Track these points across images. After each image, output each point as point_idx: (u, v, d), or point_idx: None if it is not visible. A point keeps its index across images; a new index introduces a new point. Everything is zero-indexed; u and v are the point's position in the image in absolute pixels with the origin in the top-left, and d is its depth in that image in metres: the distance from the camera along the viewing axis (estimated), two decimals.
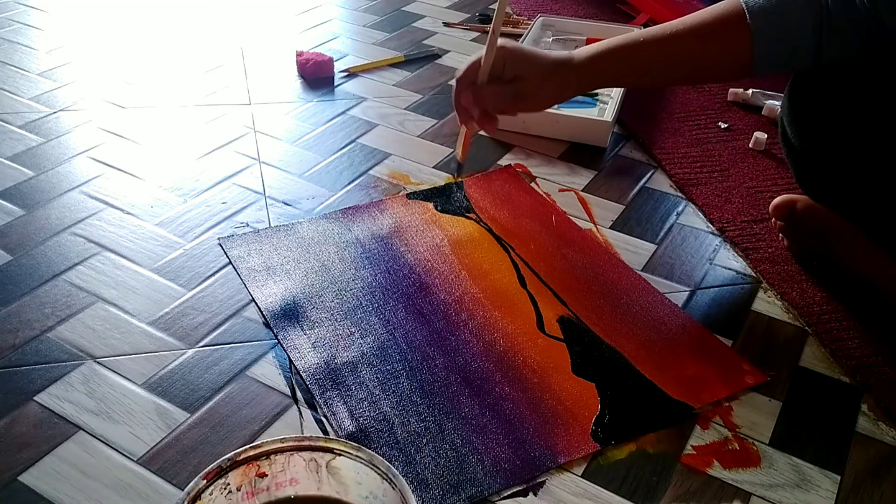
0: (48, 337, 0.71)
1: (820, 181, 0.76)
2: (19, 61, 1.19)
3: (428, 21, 1.40)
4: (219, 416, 0.64)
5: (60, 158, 0.96)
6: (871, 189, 0.71)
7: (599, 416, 0.65)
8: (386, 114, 1.09)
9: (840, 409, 0.67)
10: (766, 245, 0.86)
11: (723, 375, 0.69)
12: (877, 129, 0.67)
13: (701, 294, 0.80)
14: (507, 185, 0.94)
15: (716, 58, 0.70)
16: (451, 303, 0.76)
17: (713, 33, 0.69)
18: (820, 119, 0.72)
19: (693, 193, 0.94)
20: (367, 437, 0.62)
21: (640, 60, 0.73)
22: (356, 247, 0.83)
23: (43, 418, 0.63)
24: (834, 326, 0.75)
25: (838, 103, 0.70)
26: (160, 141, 1.01)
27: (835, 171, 0.73)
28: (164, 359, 0.69)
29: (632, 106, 1.11)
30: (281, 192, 0.92)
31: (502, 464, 0.60)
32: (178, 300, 0.76)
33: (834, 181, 0.74)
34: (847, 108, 0.69)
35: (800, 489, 0.60)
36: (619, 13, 1.45)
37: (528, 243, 0.84)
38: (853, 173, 0.71)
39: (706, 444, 0.63)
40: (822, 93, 0.72)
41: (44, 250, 0.81)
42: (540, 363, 0.70)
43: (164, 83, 1.16)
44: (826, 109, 0.72)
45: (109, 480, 0.58)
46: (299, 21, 1.38)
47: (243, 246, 0.82)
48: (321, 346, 0.70)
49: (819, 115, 0.72)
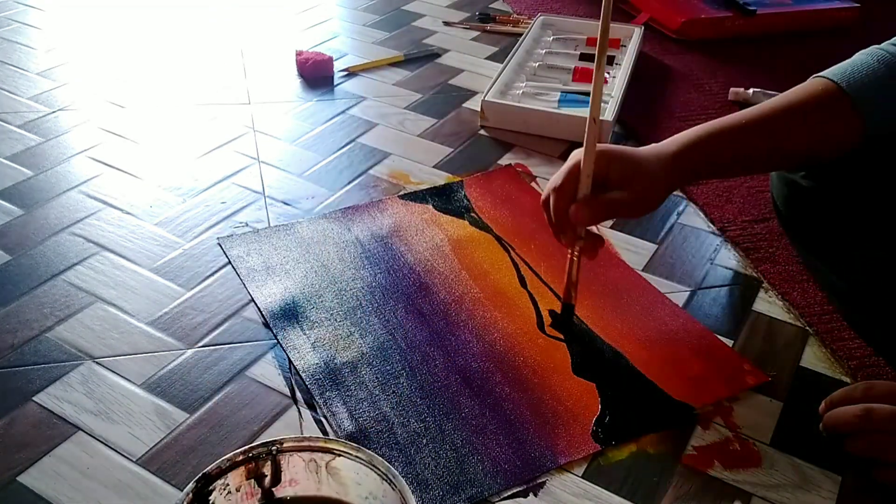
0: (47, 337, 0.70)
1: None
2: (18, 61, 1.19)
3: (428, 20, 1.40)
4: (218, 417, 0.64)
5: (59, 158, 0.96)
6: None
7: (600, 417, 0.65)
8: (386, 113, 1.09)
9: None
10: (767, 245, 0.86)
11: (724, 376, 0.69)
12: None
13: (702, 294, 0.79)
14: (507, 184, 0.94)
15: (820, 136, 0.65)
16: (451, 303, 0.76)
17: (814, 113, 0.64)
18: (822, 235, 0.71)
19: (694, 193, 0.94)
20: (367, 437, 0.62)
21: (738, 145, 0.67)
22: (356, 247, 0.82)
23: (42, 419, 0.63)
24: (835, 326, 0.75)
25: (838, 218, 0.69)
26: (159, 140, 1.01)
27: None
28: (164, 359, 0.69)
29: (632, 106, 1.11)
30: (280, 191, 0.92)
31: (502, 464, 0.60)
32: (177, 300, 0.75)
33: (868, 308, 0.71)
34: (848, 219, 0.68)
35: (801, 490, 0.60)
36: (620, 13, 1.44)
37: (528, 243, 0.84)
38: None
39: (707, 444, 0.63)
40: (820, 210, 0.70)
41: (43, 250, 0.81)
42: (540, 363, 0.69)
43: (164, 82, 1.15)
44: (827, 224, 0.70)
45: (108, 481, 0.58)
46: (299, 20, 1.38)
47: (243, 246, 0.82)
48: (321, 346, 0.70)
49: (820, 232, 0.71)
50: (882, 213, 0.66)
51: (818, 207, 0.70)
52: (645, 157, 0.66)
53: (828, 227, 0.70)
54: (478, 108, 1.07)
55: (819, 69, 0.68)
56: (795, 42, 1.36)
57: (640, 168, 0.66)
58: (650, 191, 0.66)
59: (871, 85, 0.63)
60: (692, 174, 0.70)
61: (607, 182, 0.66)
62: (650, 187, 0.66)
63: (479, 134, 1.05)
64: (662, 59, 1.30)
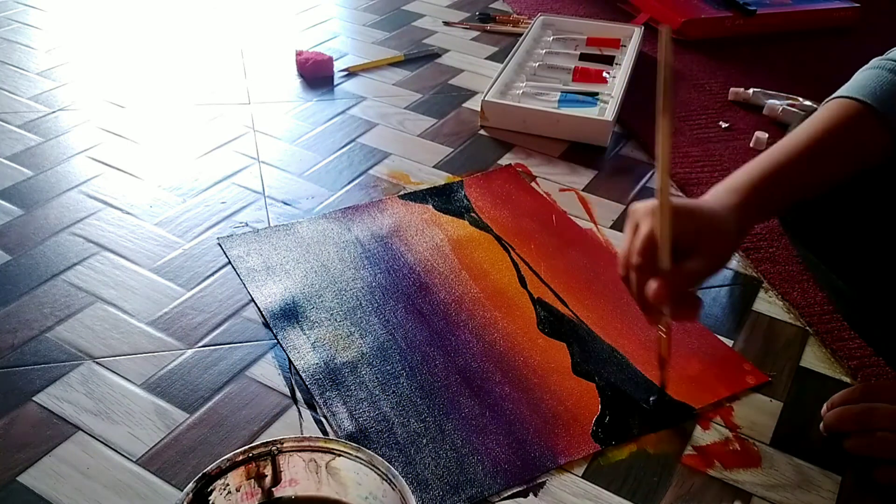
0: (47, 337, 0.70)
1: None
2: (18, 61, 1.19)
3: (428, 20, 1.40)
4: (218, 417, 0.64)
5: (59, 158, 0.96)
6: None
7: (600, 417, 0.65)
8: (385, 113, 1.09)
9: None
10: (768, 245, 0.86)
11: (723, 375, 0.69)
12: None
13: (702, 294, 0.79)
14: (507, 184, 0.94)
15: (858, 156, 0.64)
16: (451, 303, 0.76)
17: (847, 134, 0.63)
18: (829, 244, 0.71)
19: (694, 193, 0.94)
20: (367, 437, 0.62)
21: (792, 186, 0.64)
22: (356, 247, 0.82)
23: (42, 419, 0.63)
24: (835, 327, 0.75)
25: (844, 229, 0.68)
26: (159, 140, 1.01)
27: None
28: (164, 359, 0.69)
29: (632, 105, 1.11)
30: (280, 191, 0.92)
31: (502, 464, 0.60)
32: (177, 300, 0.75)
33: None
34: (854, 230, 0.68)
35: (801, 489, 0.60)
36: (620, 12, 1.44)
37: (528, 243, 0.84)
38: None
39: (707, 444, 0.63)
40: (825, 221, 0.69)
41: (43, 250, 0.81)
42: (540, 363, 0.69)
43: (164, 82, 1.15)
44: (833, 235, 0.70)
45: (108, 481, 0.58)
46: (299, 20, 1.38)
47: (242, 246, 0.82)
48: (321, 346, 0.70)
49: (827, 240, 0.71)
50: (882, 213, 0.66)
51: (819, 207, 0.70)
52: (712, 211, 0.61)
53: (828, 227, 0.70)
54: (478, 108, 1.07)
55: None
56: (795, 42, 1.36)
57: (711, 226, 0.60)
58: (726, 249, 0.61)
59: (890, 96, 0.62)
60: (754, 221, 0.67)
61: (677, 244, 0.59)
62: (725, 246, 0.61)
63: (479, 134, 1.05)
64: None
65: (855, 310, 0.73)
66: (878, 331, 0.71)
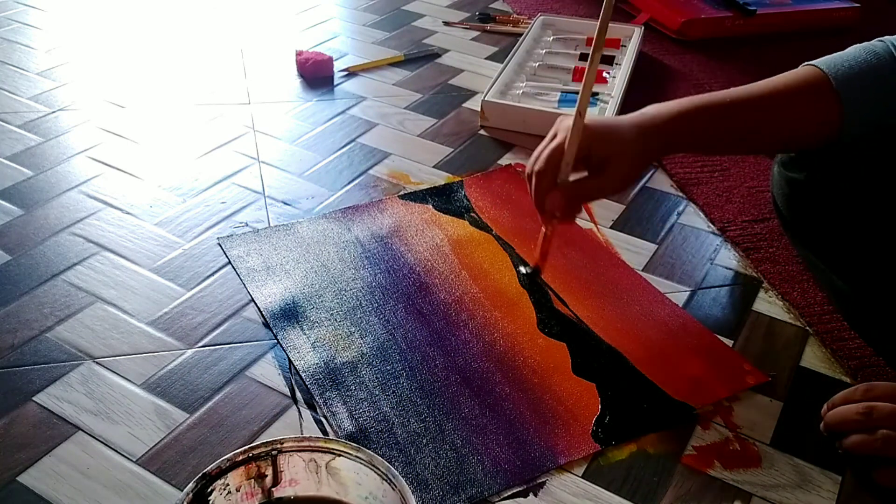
0: (47, 337, 0.70)
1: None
2: (18, 60, 1.19)
3: (428, 20, 1.40)
4: (218, 417, 0.64)
5: (59, 158, 0.96)
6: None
7: (600, 417, 0.65)
8: (386, 113, 1.09)
9: None
10: (767, 245, 0.86)
11: (723, 376, 0.69)
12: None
13: (702, 294, 0.79)
14: (507, 184, 0.94)
15: (801, 121, 0.66)
16: (451, 303, 0.76)
17: (798, 97, 0.65)
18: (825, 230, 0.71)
19: (694, 193, 0.94)
20: (367, 437, 0.62)
21: (720, 121, 0.67)
22: (356, 247, 0.82)
23: (42, 419, 0.63)
24: (835, 327, 0.75)
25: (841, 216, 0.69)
26: (159, 140, 1.01)
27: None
28: (164, 359, 0.69)
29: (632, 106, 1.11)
30: (280, 191, 0.92)
31: (502, 464, 0.60)
32: (177, 300, 0.75)
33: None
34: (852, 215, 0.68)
35: (801, 489, 0.60)
36: (620, 12, 1.44)
37: (528, 243, 0.84)
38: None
39: (707, 444, 0.63)
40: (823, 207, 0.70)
41: (43, 250, 0.81)
42: (540, 363, 0.69)
43: (164, 82, 1.15)
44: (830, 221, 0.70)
45: (108, 481, 0.58)
46: (299, 20, 1.38)
47: (242, 246, 0.82)
48: (321, 346, 0.70)
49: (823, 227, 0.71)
50: (883, 213, 0.67)
51: (819, 207, 0.70)
52: (627, 131, 0.67)
53: (829, 227, 0.70)
54: (478, 108, 1.07)
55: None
56: (795, 42, 1.36)
57: (619, 145, 0.67)
58: (629, 170, 0.68)
59: (856, 75, 0.63)
60: (672, 147, 0.72)
61: (588, 160, 0.68)
62: (630, 167, 0.68)
63: (479, 134, 1.05)
64: (662, 59, 1.30)
65: (855, 310, 0.73)
66: (877, 331, 0.71)
